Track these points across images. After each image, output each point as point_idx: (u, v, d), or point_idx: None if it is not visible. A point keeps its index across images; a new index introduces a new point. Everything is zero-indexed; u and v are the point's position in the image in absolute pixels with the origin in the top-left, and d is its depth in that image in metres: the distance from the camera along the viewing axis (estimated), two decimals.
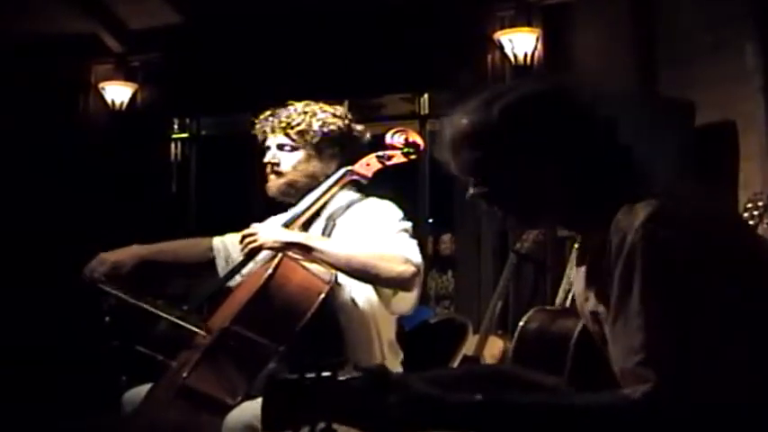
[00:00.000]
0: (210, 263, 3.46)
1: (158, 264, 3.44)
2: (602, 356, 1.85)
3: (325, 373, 1.70)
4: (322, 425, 1.70)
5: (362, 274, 3.00)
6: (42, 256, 6.96)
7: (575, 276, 2.03)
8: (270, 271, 2.92)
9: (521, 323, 2.22)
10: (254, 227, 3.17)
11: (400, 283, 3.00)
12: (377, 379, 1.74)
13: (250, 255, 3.15)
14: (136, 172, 7.44)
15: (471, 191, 1.92)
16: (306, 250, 3.02)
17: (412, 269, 2.97)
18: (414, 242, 3.08)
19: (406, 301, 3.09)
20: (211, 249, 3.49)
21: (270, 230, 3.13)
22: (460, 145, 1.90)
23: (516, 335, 2.22)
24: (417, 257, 3.01)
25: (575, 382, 1.99)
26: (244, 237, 3.15)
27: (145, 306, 3.06)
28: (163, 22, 7.32)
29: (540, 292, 5.94)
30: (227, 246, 3.47)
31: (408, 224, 3.16)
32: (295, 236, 3.07)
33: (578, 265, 1.96)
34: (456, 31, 6.47)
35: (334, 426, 1.70)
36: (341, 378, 1.71)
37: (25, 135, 7.28)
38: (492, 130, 1.84)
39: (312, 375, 1.69)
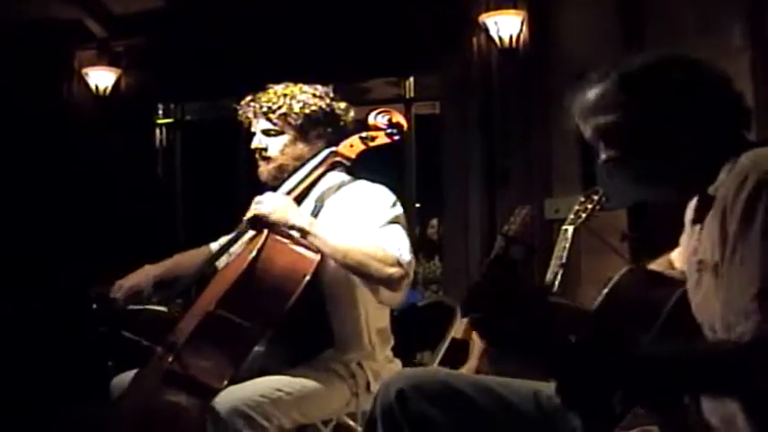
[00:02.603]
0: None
1: (168, 281, 3.42)
2: (693, 330, 1.90)
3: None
4: None
5: (355, 270, 2.98)
6: (26, 243, 6.93)
7: (686, 239, 2.09)
8: (254, 252, 2.90)
9: (614, 278, 2.18)
10: (262, 197, 3.12)
11: (389, 285, 2.99)
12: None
13: (251, 223, 3.11)
14: (121, 158, 7.40)
15: (602, 156, 1.99)
16: (305, 235, 3.00)
17: (402, 272, 2.95)
18: (405, 235, 3.05)
19: (393, 294, 3.07)
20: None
21: (278, 204, 3.07)
22: (589, 114, 1.98)
23: (607, 290, 2.17)
24: (408, 256, 2.99)
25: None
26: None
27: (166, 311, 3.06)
28: (146, 6, 7.29)
29: (528, 275, 5.94)
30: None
31: (400, 211, 3.12)
32: (300, 220, 3.02)
33: (695, 222, 2.01)
34: (441, 14, 6.46)
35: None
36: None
37: (8, 121, 7.23)
38: (618, 95, 1.94)
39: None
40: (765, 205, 1.71)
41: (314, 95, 3.27)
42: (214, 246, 3.50)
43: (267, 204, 3.06)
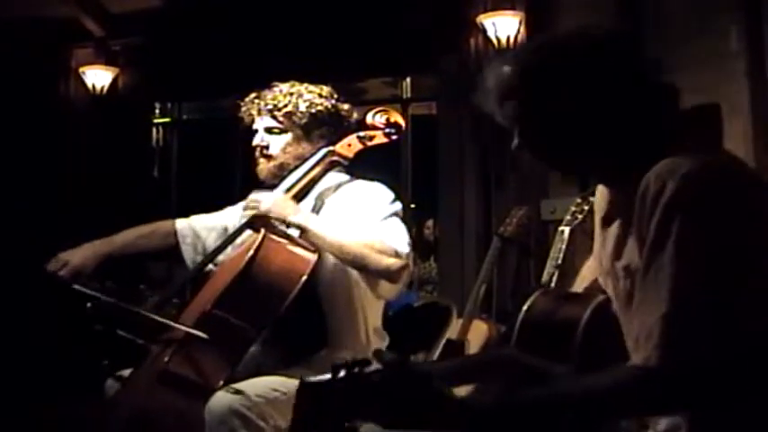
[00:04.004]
0: (173, 248, 3.42)
1: (120, 257, 3.38)
2: (611, 343, 1.84)
3: (351, 372, 1.67)
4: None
5: (353, 262, 2.99)
6: (21, 240, 6.91)
7: (600, 240, 1.98)
8: (251, 252, 2.90)
9: (524, 308, 2.16)
10: (260, 195, 3.13)
11: (388, 276, 3.00)
12: (399, 373, 1.71)
13: (249, 223, 3.11)
14: (117, 157, 7.39)
15: (515, 141, 1.91)
16: (303, 232, 3.00)
17: (400, 263, 2.96)
18: (404, 229, 3.07)
19: (392, 286, 3.07)
20: (174, 234, 3.45)
21: (276, 202, 3.08)
22: (500, 96, 1.89)
23: (519, 320, 2.16)
24: (406, 248, 3.00)
25: (582, 370, 1.94)
26: (247, 206, 3.13)
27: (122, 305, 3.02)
28: (143, 5, 7.28)
29: (524, 276, 5.94)
30: (197, 231, 3.43)
31: (398, 206, 3.14)
32: (297, 217, 3.03)
33: (606, 225, 1.93)
34: (438, 15, 6.45)
35: None
36: (366, 372, 1.68)
37: (4, 119, 7.22)
38: (529, 79, 1.84)
39: (340, 376, 1.66)
40: (682, 219, 1.62)
41: (320, 95, 3.29)
42: (180, 224, 3.47)
43: (265, 201, 3.06)
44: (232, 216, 3.40)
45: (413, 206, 7.33)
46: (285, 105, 3.25)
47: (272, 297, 2.89)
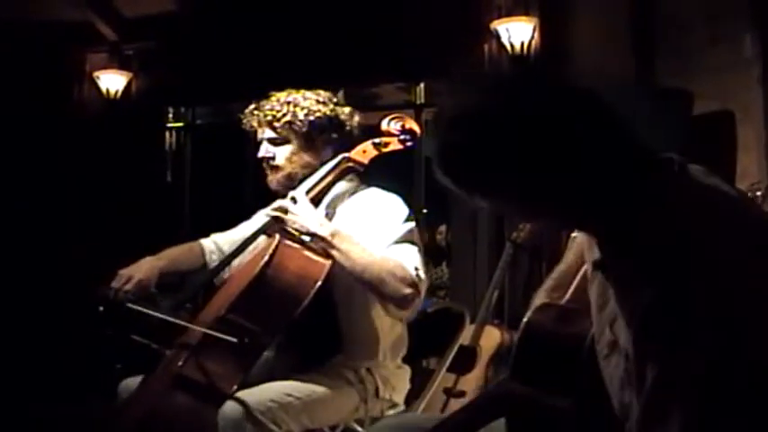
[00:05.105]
0: (202, 267, 3.41)
1: (169, 274, 3.37)
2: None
3: None
4: None
5: (371, 285, 2.96)
6: (35, 244, 6.94)
7: (590, 280, 1.89)
8: (266, 258, 2.89)
9: (524, 320, 2.11)
10: (288, 203, 3.09)
11: (400, 304, 2.99)
12: None
13: (263, 229, 3.10)
14: (130, 161, 7.40)
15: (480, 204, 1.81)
16: (326, 246, 2.98)
17: (415, 293, 2.94)
18: (419, 255, 3.04)
19: (402, 312, 3.06)
20: (202, 253, 3.44)
21: (304, 212, 3.05)
22: (444, 170, 1.79)
23: (519, 336, 2.11)
24: (423, 276, 2.98)
25: (585, 397, 1.90)
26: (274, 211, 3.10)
27: (174, 321, 2.99)
28: (158, 10, 7.30)
29: (536, 282, 5.92)
30: (221, 246, 3.43)
31: (412, 224, 3.11)
32: (322, 230, 2.99)
33: (595, 269, 1.82)
34: (452, 20, 6.45)
35: None
36: None
37: (18, 123, 7.24)
38: (475, 147, 1.73)
39: None
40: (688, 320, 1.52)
41: (317, 102, 3.24)
42: (206, 242, 3.48)
43: (292, 215, 3.04)
44: (253, 228, 3.37)
45: (425, 211, 7.32)
46: (284, 115, 3.20)
47: (287, 302, 2.88)
